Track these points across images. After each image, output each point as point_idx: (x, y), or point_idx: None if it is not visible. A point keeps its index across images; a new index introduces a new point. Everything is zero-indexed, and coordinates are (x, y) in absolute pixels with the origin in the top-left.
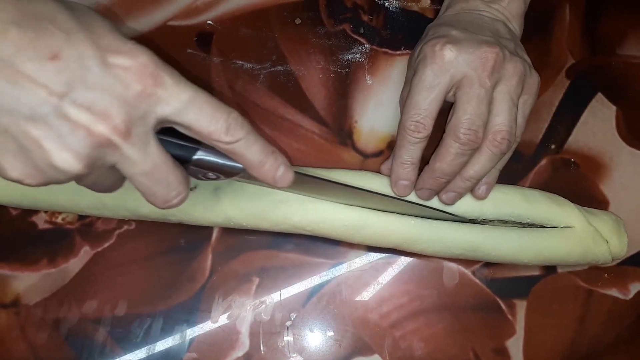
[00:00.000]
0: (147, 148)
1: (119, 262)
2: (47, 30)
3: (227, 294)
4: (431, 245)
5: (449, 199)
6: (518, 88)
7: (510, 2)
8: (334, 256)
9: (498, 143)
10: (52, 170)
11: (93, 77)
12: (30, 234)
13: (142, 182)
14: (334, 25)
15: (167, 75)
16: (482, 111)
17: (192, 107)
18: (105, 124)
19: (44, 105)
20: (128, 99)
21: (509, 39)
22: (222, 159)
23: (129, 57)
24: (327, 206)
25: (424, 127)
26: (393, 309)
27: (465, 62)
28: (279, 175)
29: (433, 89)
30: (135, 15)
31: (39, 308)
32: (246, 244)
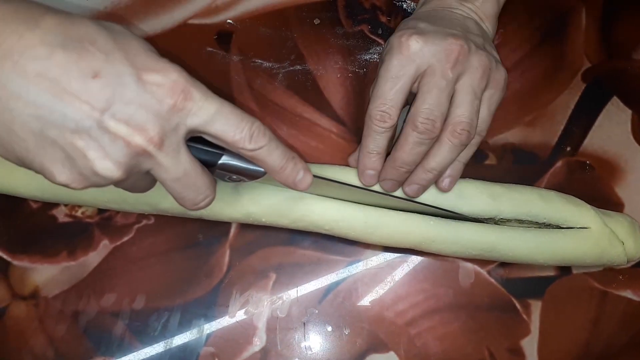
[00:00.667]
0: (179, 157)
1: (138, 257)
2: (88, 51)
3: (244, 289)
4: (449, 246)
5: (412, 190)
6: (482, 81)
7: (483, 2)
8: (351, 254)
9: (458, 134)
10: (94, 176)
11: (130, 94)
12: (50, 227)
13: (173, 187)
14: (352, 26)
15: (196, 90)
16: (441, 102)
17: (218, 118)
18: (141, 136)
19: (87, 119)
20: (161, 113)
21: (478, 35)
22: (245, 164)
23: (162, 74)
24: (346, 205)
25: (390, 117)
26: (409, 307)
27: (430, 53)
28: (299, 179)
29: (399, 79)
30: (156, 12)
31: (58, 300)
32: (263, 240)
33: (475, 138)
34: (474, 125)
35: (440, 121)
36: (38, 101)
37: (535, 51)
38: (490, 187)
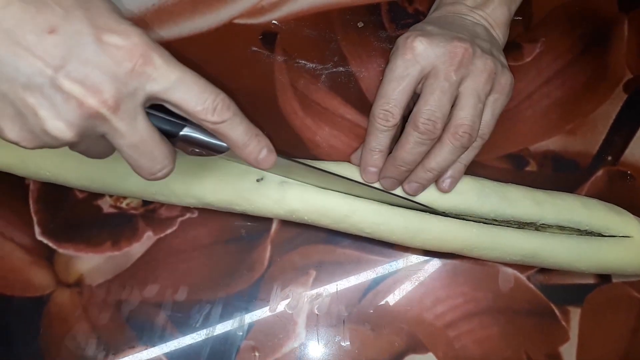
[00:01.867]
0: (135, 122)
1: (181, 249)
2: (47, 6)
3: (284, 284)
4: (490, 252)
5: (412, 189)
6: (486, 85)
7: (494, 9)
8: (390, 255)
9: (459, 136)
10: (45, 136)
11: (87, 53)
12: (95, 217)
13: (129, 154)
14: (395, 30)
15: (157, 56)
16: (443, 103)
17: (180, 86)
18: (95, 98)
19: (40, 75)
20: (119, 76)
21: (486, 40)
22: (208, 137)
23: (122, 36)
24: (388, 209)
25: (392, 116)
26: (448, 309)
27: (434, 55)
28: (262, 157)
29: (403, 79)
30: (202, 11)
31: (102, 289)
32: (304, 238)
33: (477, 141)
34: (476, 128)
35: (441, 122)
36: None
37: (576, 60)
38: (533, 192)
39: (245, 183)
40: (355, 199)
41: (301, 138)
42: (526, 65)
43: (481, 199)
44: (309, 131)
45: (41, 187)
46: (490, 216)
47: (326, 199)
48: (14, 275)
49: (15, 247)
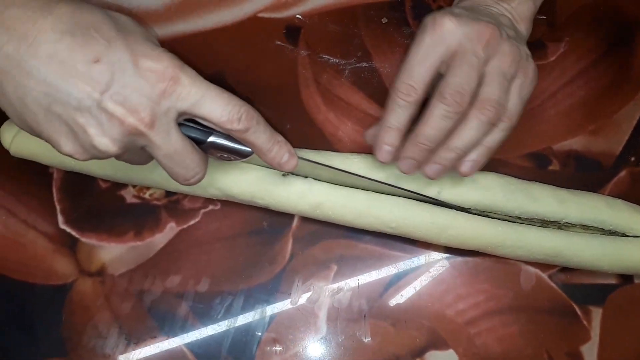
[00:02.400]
0: (169, 136)
1: (203, 240)
2: (93, 38)
3: (306, 278)
4: (514, 250)
5: (433, 171)
6: (512, 67)
7: (520, 3)
8: (412, 251)
9: (486, 110)
10: (94, 149)
11: (127, 78)
12: (119, 207)
13: (165, 163)
14: (419, 26)
15: (185, 76)
16: (471, 77)
17: (205, 101)
18: (134, 117)
19: (88, 99)
20: (153, 97)
21: (512, 30)
22: (233, 143)
23: (156, 61)
24: (413, 204)
25: (415, 91)
26: (469, 306)
27: (462, 33)
28: (284, 161)
29: (429, 55)
30: (227, 4)
31: (124, 279)
32: (326, 232)
33: (504, 122)
34: (503, 105)
35: (468, 96)
36: (47, 80)
37: (600, 61)
38: (557, 191)
39: (270, 176)
40: (380, 195)
41: (323, 133)
42: (550, 64)
43: (506, 195)
44: (331, 126)
45: (65, 176)
46: (514, 213)
47: (350, 194)
48: (36, 263)
49: (38, 235)
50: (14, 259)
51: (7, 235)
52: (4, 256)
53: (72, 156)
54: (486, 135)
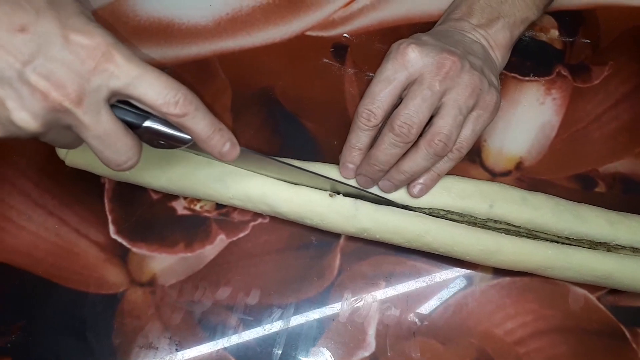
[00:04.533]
0: (99, 116)
1: (253, 253)
2: (21, 6)
3: (355, 293)
4: (563, 272)
5: (385, 186)
6: (469, 99)
7: (496, 31)
8: (461, 269)
9: (434, 144)
10: (12, 126)
11: (54, 51)
12: (169, 218)
13: (94, 145)
14: None
15: (119, 54)
16: (422, 110)
17: (141, 82)
18: (59, 92)
19: (9, 69)
20: (82, 73)
21: (480, 58)
22: (171, 130)
23: (87, 36)
24: (462, 229)
25: (374, 117)
26: (517, 326)
27: (423, 64)
28: (225, 150)
29: (390, 82)
30: (275, 22)
31: (174, 290)
32: (374, 248)
33: (454, 153)
34: (452, 139)
35: (417, 128)
36: None
37: None
38: (607, 213)
39: (318, 196)
40: (428, 219)
41: None
42: (594, 87)
43: (556, 215)
44: None
45: (116, 187)
46: (563, 234)
47: (399, 218)
48: (88, 272)
49: (90, 244)
50: (67, 268)
51: (59, 243)
52: (57, 265)
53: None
54: (436, 162)
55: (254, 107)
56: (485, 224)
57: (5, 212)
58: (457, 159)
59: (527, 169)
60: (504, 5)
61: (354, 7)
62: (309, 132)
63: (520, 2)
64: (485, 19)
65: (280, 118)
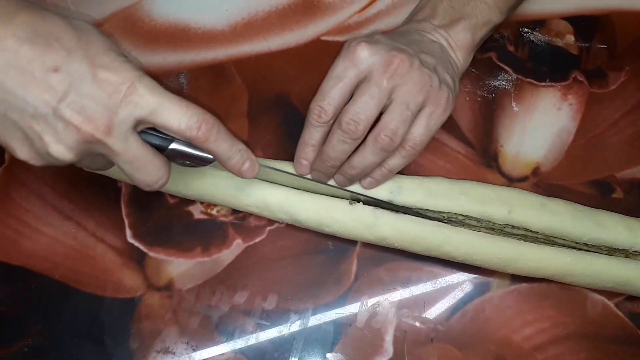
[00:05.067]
0: (128, 143)
1: (270, 258)
2: (52, 47)
3: (371, 299)
4: (583, 279)
5: (339, 180)
6: (418, 96)
7: (457, 32)
8: (479, 275)
9: (380, 139)
10: (49, 157)
11: (85, 88)
12: (186, 222)
13: (126, 169)
14: (480, 52)
15: (142, 86)
16: (369, 107)
17: (162, 110)
18: (90, 125)
19: (45, 107)
20: (110, 106)
21: (434, 57)
22: (195, 150)
23: (114, 72)
24: (481, 238)
25: (325, 113)
26: (535, 332)
27: (371, 62)
28: (245, 169)
29: (340, 79)
30: (290, 27)
31: (192, 294)
32: (390, 254)
33: (407, 150)
34: (399, 134)
35: (364, 125)
36: (4, 86)
37: None
38: (626, 219)
39: (338, 204)
40: (447, 228)
41: None
42: (611, 92)
43: (575, 221)
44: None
45: (133, 191)
46: (582, 240)
47: (418, 227)
48: (105, 276)
49: (107, 248)
50: (84, 272)
51: (77, 248)
52: (74, 269)
53: (28, 162)
54: (388, 158)
55: (270, 112)
56: (503, 229)
57: (22, 216)
58: (411, 155)
59: (544, 175)
60: (467, 7)
61: (369, 12)
62: None
63: (482, 5)
64: (447, 20)
65: (296, 123)
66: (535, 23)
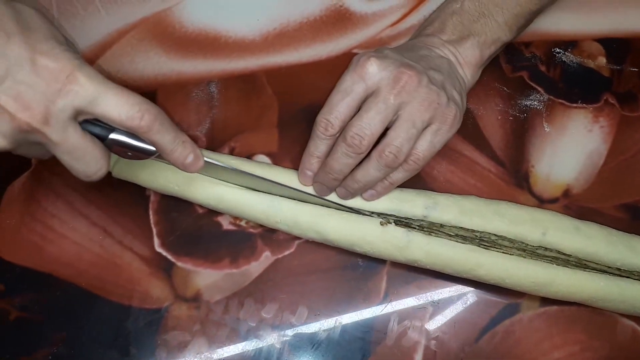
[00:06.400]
0: (66, 133)
1: (298, 272)
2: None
3: (401, 318)
4: (616, 304)
5: (341, 193)
6: (425, 113)
7: (466, 48)
8: (509, 297)
9: (385, 155)
10: None
11: (22, 74)
12: (215, 233)
13: (64, 160)
14: (512, 72)
15: (82, 75)
16: (375, 122)
17: (102, 99)
18: (26, 113)
19: None
20: (48, 94)
21: (442, 74)
22: (136, 141)
23: (53, 59)
24: (514, 262)
25: (332, 126)
26: (565, 356)
27: (380, 77)
28: (188, 162)
29: (348, 94)
30: (322, 39)
31: (220, 306)
32: (421, 272)
33: (409, 164)
34: (404, 151)
35: (368, 140)
36: None
37: None
38: None
39: (369, 225)
40: (480, 252)
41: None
42: None
43: (609, 246)
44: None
45: (162, 199)
46: (615, 264)
47: (451, 250)
48: (132, 285)
49: (134, 257)
50: (110, 280)
51: (103, 255)
52: (100, 277)
53: None
54: (390, 172)
55: (300, 123)
56: (535, 250)
57: (48, 221)
58: (413, 170)
59: (575, 197)
60: (476, 24)
61: (401, 26)
62: None
63: (492, 22)
64: (456, 35)
65: None
66: (568, 44)
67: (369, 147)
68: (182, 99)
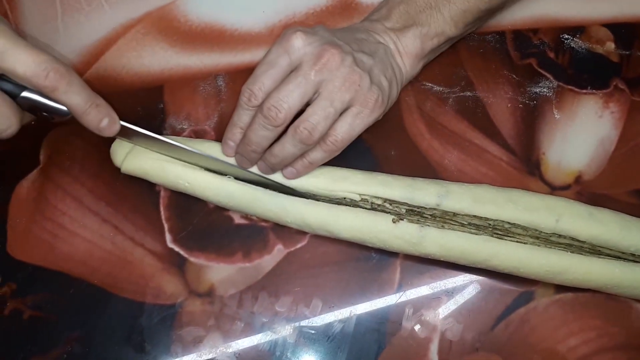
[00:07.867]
0: None
1: (311, 264)
2: None
3: (416, 309)
4: (631, 290)
5: (261, 167)
6: (345, 94)
7: (407, 38)
8: (523, 284)
9: (299, 131)
10: None
11: None
12: (227, 227)
13: None
14: (520, 59)
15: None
16: (293, 96)
17: (9, 55)
18: None
19: None
20: None
21: (372, 58)
22: (47, 100)
23: None
24: (528, 251)
25: (255, 97)
26: (581, 342)
27: (304, 52)
28: (102, 126)
29: (271, 65)
30: None
31: (234, 300)
32: (434, 262)
33: (328, 145)
34: (319, 129)
35: (285, 113)
36: None
37: None
38: None
39: (381, 223)
40: (494, 242)
41: (429, 161)
42: None
43: (623, 231)
44: (436, 154)
45: (172, 194)
46: (629, 250)
47: (465, 242)
48: (145, 281)
49: (146, 253)
50: (123, 277)
51: (115, 252)
52: (112, 274)
53: None
54: (309, 151)
55: None
56: (549, 238)
57: (58, 219)
58: (332, 151)
59: (587, 183)
60: (422, 14)
61: None
62: (364, 142)
63: (437, 15)
64: (400, 24)
65: None
66: (576, 29)
67: (285, 121)
68: (190, 93)
